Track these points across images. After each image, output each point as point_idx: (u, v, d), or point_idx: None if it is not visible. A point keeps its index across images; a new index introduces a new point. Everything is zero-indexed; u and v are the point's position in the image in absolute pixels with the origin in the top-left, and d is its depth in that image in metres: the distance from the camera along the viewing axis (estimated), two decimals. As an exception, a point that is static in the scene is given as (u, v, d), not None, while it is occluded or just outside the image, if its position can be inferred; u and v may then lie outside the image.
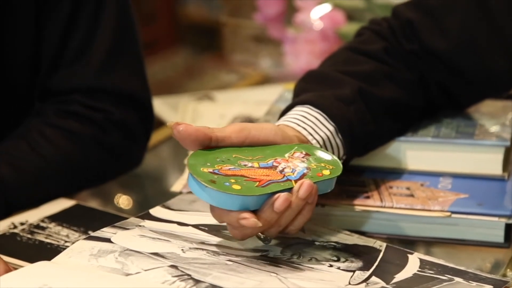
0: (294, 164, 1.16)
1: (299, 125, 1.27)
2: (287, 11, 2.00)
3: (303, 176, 1.14)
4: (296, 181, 1.11)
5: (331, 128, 1.27)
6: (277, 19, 2.00)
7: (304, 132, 1.25)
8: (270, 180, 1.11)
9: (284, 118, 1.28)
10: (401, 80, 1.40)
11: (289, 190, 1.08)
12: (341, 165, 1.18)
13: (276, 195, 1.06)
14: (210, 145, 1.16)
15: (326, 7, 1.88)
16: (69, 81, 1.53)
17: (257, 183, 1.11)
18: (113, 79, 1.54)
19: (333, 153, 1.28)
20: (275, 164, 1.16)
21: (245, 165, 1.15)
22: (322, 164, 1.17)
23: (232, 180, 1.10)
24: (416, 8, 1.40)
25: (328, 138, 1.29)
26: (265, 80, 2.04)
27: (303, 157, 1.19)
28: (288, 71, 1.89)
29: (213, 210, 1.09)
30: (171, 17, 4.49)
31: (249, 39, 2.14)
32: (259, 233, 1.15)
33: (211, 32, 4.10)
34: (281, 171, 1.14)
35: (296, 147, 1.21)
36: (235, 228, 1.09)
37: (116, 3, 1.60)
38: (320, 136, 1.27)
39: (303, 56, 1.84)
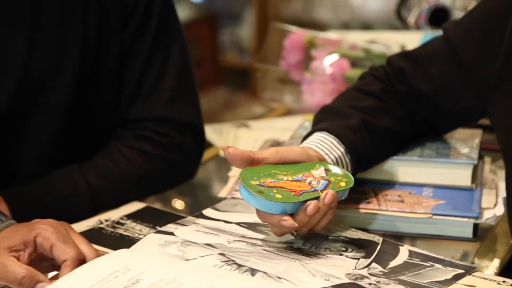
0: (318, 178, 1.18)
1: (318, 147, 1.28)
2: (305, 59, 1.94)
3: (326, 187, 1.15)
4: (321, 191, 1.13)
5: (342, 150, 1.29)
6: (297, 65, 1.94)
7: (322, 153, 1.26)
8: (302, 190, 1.13)
9: (306, 141, 1.29)
10: (395, 114, 1.39)
11: (317, 198, 1.10)
12: (353, 178, 1.19)
13: (308, 202, 1.09)
14: (252, 164, 1.18)
15: (335, 57, 1.82)
16: (143, 112, 1.53)
17: (293, 193, 1.13)
18: (175, 111, 1.53)
19: (344, 169, 1.34)
20: (303, 178, 1.17)
21: (281, 178, 1.16)
22: (339, 178, 1.19)
23: (275, 191, 1.12)
24: (406, 59, 1.41)
25: (340, 157, 1.30)
26: (288, 112, 2.02)
27: (324, 172, 1.20)
28: (306, 106, 1.87)
29: (259, 212, 1.11)
30: (214, 63, 4.46)
31: (275, 81, 2.11)
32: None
33: (245, 74, 4.09)
34: (309, 183, 1.16)
35: (317, 165, 1.21)
36: (276, 227, 1.11)
37: (179, 53, 1.59)
38: (334, 156, 1.28)
39: (317, 94, 1.81)
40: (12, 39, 1.41)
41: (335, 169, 1.21)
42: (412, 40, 1.89)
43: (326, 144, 1.28)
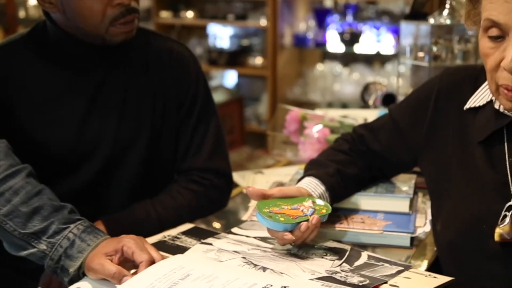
0: (308, 207, 1.21)
1: (307, 187, 1.31)
2: (300, 128, 1.88)
3: (313, 213, 1.19)
4: (310, 216, 1.17)
5: (323, 188, 1.30)
6: (295, 132, 1.89)
7: (310, 190, 1.29)
8: (297, 215, 1.18)
9: (300, 183, 1.32)
10: (358, 165, 1.33)
11: (307, 220, 1.14)
12: (330, 208, 1.22)
13: (301, 223, 1.14)
14: (264, 198, 1.21)
15: (320, 126, 1.77)
16: (191, 165, 1.51)
17: (291, 217, 1.17)
18: (213, 164, 1.49)
19: (324, 201, 1.32)
20: (298, 207, 1.21)
21: (283, 207, 1.21)
22: (321, 207, 1.22)
23: (279, 216, 1.17)
24: (365, 128, 1.42)
25: (322, 193, 1.28)
26: (289, 163, 1.87)
27: (311, 204, 1.23)
28: (301, 159, 1.76)
29: (269, 230, 1.16)
30: (241, 130, 4.41)
31: (281, 142, 2.07)
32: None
33: (262, 138, 4.00)
34: (302, 211, 1.19)
35: (307, 198, 1.25)
36: (280, 240, 1.15)
37: (214, 125, 1.54)
38: (318, 192, 1.30)
39: (308, 151, 1.67)
40: (107, 119, 1.44)
41: (319, 201, 1.24)
42: (371, 115, 1.87)
43: (312, 185, 1.31)
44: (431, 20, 1.98)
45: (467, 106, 1.14)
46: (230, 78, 4.51)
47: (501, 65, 1.00)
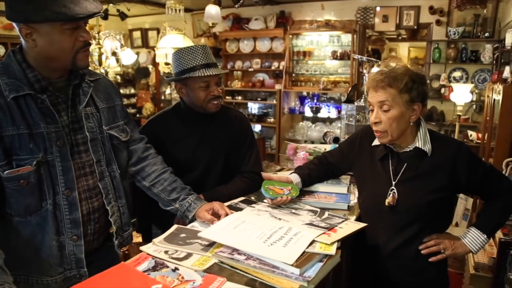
0: (287, 190, 1.44)
1: (292, 177, 1.52)
2: (295, 152, 2.09)
3: (288, 194, 1.40)
4: (286, 195, 1.40)
5: (299, 179, 1.54)
6: (292, 154, 2.09)
7: (292, 179, 1.52)
8: (278, 193, 1.39)
9: (289, 175, 1.53)
10: (320, 170, 1.60)
11: (281, 196, 1.36)
12: (298, 192, 1.44)
13: (278, 197, 1.36)
14: (269, 179, 1.45)
15: (304, 152, 1.99)
16: (244, 169, 1.72)
17: (276, 192, 1.39)
18: (254, 168, 1.73)
19: (298, 186, 1.50)
20: (282, 188, 1.43)
21: (276, 187, 1.43)
22: (293, 191, 1.44)
23: (270, 191, 1.39)
24: (327, 153, 1.63)
25: (298, 182, 1.54)
26: (288, 169, 2.07)
27: (290, 188, 1.45)
28: (294, 167, 1.79)
29: (268, 199, 1.37)
30: (263, 153, 5.57)
31: (285, 159, 2.13)
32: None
33: (272, 156, 5.27)
34: (283, 190, 1.41)
35: (290, 186, 1.46)
36: (275, 203, 1.36)
37: (256, 147, 1.77)
38: (296, 181, 1.52)
39: (298, 164, 1.83)
40: (206, 148, 1.65)
41: (294, 187, 1.46)
42: (328, 147, 2.03)
43: (294, 176, 1.54)
44: (356, 103, 2.45)
45: (373, 143, 1.44)
46: (257, 128, 5.85)
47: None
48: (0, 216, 1.10)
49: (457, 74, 4.71)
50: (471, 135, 3.98)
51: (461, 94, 3.89)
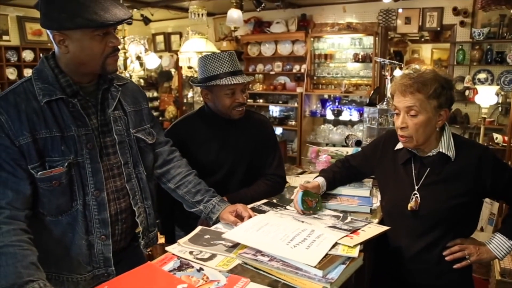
0: (315, 201, 1.45)
1: (318, 180, 1.53)
2: (317, 155, 2.11)
3: (315, 207, 1.40)
4: (313, 208, 1.40)
5: (325, 182, 1.56)
6: (315, 157, 2.01)
7: (319, 182, 1.53)
8: (308, 206, 1.41)
9: (316, 179, 1.53)
10: (343, 173, 1.62)
11: (309, 209, 1.35)
12: (322, 207, 1.42)
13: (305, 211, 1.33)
14: (305, 189, 1.43)
15: (326, 155, 1.95)
16: (268, 171, 1.72)
17: (308, 205, 1.41)
18: (277, 171, 1.74)
19: (322, 190, 1.50)
20: (312, 200, 1.43)
21: (308, 199, 1.43)
22: (318, 205, 1.44)
23: (305, 204, 1.40)
24: (349, 157, 1.64)
25: (324, 184, 1.55)
26: (311, 172, 2.14)
27: (316, 201, 1.45)
28: (317, 170, 1.89)
29: (296, 206, 1.37)
30: (285, 156, 5.68)
31: (307, 162, 2.13)
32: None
33: (294, 159, 5.35)
34: (312, 203, 1.42)
35: (317, 198, 1.46)
36: (298, 211, 1.36)
37: (279, 150, 1.76)
38: (322, 184, 1.53)
39: (321, 167, 1.89)
40: (230, 151, 1.66)
41: (320, 201, 1.46)
42: (350, 151, 2.04)
43: (320, 180, 1.56)
44: (378, 106, 2.40)
45: (396, 148, 1.45)
46: (279, 130, 5.86)
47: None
48: (34, 215, 1.12)
49: (482, 75, 4.64)
50: (496, 138, 3.90)
51: (486, 96, 3.81)
